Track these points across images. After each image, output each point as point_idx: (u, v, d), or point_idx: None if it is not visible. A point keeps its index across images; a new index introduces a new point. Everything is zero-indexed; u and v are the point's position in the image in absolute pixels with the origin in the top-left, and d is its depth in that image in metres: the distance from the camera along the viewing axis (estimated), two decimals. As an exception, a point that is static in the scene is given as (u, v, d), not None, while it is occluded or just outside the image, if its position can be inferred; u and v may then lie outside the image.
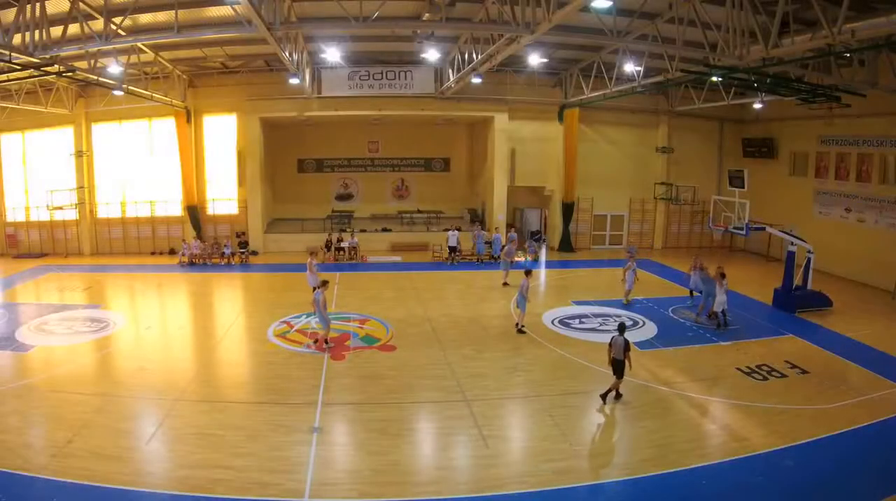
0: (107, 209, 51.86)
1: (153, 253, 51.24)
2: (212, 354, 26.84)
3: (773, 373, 23.96)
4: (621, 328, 21.40)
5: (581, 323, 30.24)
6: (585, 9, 23.13)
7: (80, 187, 50.08)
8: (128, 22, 29.22)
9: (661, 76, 36.11)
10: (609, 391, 21.09)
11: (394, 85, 47.20)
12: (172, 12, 26.80)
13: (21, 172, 52.03)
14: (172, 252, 50.30)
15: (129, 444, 18.28)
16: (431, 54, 38.75)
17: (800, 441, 18.42)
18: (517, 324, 29.52)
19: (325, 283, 27.83)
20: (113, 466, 16.74)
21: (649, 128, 52.06)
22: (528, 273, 30.06)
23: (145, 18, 31.19)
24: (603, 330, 29.00)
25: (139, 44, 33.68)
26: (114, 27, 28.13)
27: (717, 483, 16.27)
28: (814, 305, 32.85)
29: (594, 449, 18.45)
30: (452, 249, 45.75)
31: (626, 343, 20.77)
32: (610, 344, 21.00)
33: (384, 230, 53.18)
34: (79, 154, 50.04)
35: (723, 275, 29.17)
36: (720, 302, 28.74)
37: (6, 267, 44.84)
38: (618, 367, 20.76)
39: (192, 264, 46.23)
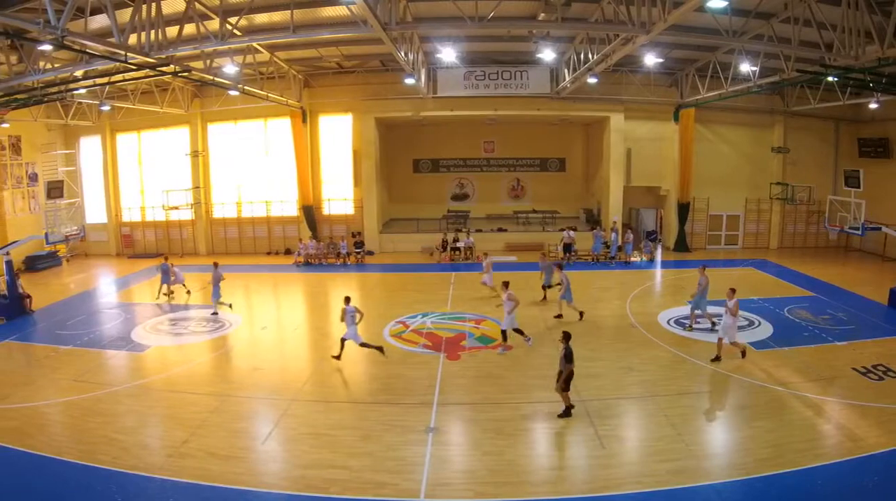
0: (222, 209, 52.88)
1: (269, 254, 51.94)
2: (327, 354, 26.66)
3: (889, 373, 23.17)
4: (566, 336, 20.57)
5: (697, 323, 29.40)
6: (701, 9, 22.75)
7: (196, 187, 51.09)
8: (243, 22, 29.55)
9: (776, 76, 35.50)
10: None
11: (509, 85, 46.99)
12: (288, 12, 27.13)
13: (137, 172, 53.40)
14: (288, 252, 50.90)
15: (244, 444, 18.44)
16: (547, 54, 38.61)
17: (917, 441, 17.88)
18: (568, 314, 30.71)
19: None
20: (228, 466, 16.89)
21: (765, 128, 51.11)
22: (560, 267, 31.39)
23: (261, 18, 31.63)
24: (718, 331, 28.27)
25: (255, 44, 34.07)
26: (229, 27, 28.42)
27: (832, 483, 15.85)
28: (931, 305, 31.92)
29: (710, 449, 18.10)
30: (567, 249, 45.03)
31: (565, 352, 19.94)
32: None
33: (499, 230, 53.07)
34: (194, 154, 51.14)
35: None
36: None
37: (122, 268, 45.84)
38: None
39: (308, 264, 46.72)
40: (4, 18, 19.49)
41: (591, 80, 40.56)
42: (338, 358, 25.22)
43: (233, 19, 28.67)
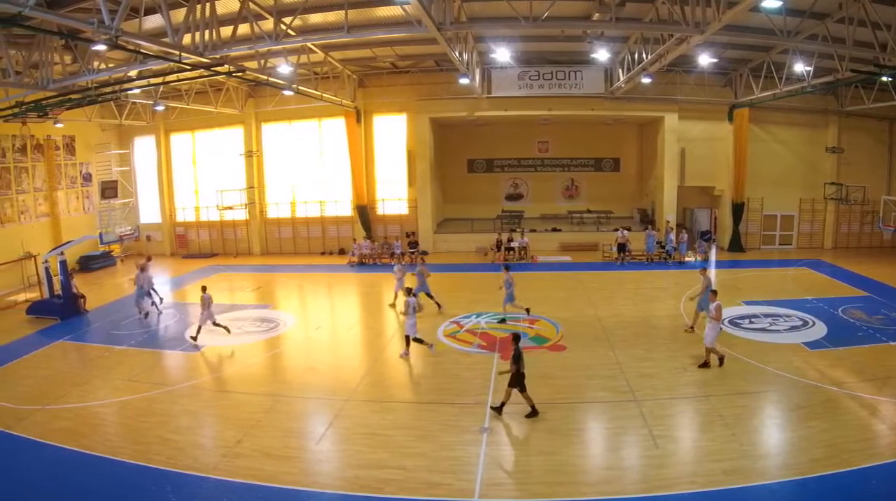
0: (276, 209, 53.18)
1: (323, 254, 52.09)
2: (381, 354, 26.84)
3: (944, 373, 22.91)
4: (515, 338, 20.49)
5: (751, 322, 29.38)
6: (755, 9, 22.66)
7: (250, 187, 51.40)
8: (297, 22, 29.56)
9: (830, 76, 34.99)
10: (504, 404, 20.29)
11: (563, 85, 46.86)
12: (342, 12, 26.99)
13: (191, 172, 53.89)
14: (342, 252, 51.07)
15: (298, 444, 18.53)
16: (601, 54, 38.63)
17: (972, 440, 17.63)
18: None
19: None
20: (282, 466, 16.94)
21: (819, 128, 50.47)
22: (506, 268, 31.38)
23: (315, 18, 31.71)
24: (773, 330, 28.25)
25: (309, 44, 34.12)
26: (283, 27, 28.44)
27: (887, 483, 15.68)
28: (984, 304, 31.55)
29: (764, 449, 17.89)
30: (622, 248, 44.83)
31: (514, 353, 19.84)
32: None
33: (554, 230, 52.83)
34: (249, 154, 51.46)
35: None
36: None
37: (176, 268, 46.20)
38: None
39: (362, 264, 46.82)
40: (59, 18, 19.68)
41: (646, 80, 40.25)
42: (194, 338, 27.96)
43: (287, 19, 28.64)
